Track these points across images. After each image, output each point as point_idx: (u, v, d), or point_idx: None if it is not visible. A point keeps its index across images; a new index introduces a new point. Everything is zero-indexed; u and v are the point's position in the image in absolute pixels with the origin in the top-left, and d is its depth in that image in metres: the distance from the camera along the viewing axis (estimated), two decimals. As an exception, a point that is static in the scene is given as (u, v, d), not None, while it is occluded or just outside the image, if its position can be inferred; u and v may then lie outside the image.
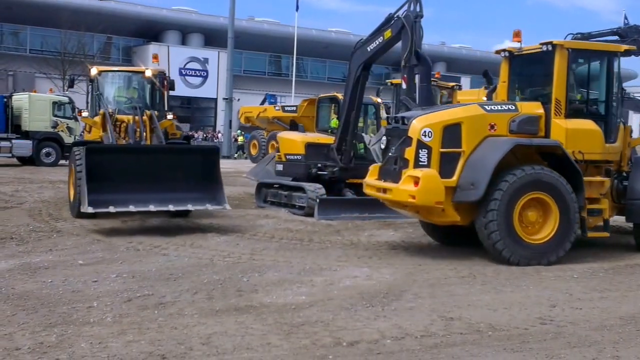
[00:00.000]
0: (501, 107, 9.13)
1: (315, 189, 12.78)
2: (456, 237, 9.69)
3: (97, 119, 12.65)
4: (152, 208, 10.33)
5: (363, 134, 14.05)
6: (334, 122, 15.05)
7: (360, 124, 14.18)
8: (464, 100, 29.77)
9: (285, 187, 13.57)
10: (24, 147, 23.91)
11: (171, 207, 10.46)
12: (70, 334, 5.38)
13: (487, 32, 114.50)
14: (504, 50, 9.79)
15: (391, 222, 12.07)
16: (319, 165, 13.55)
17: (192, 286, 7.04)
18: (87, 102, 13.72)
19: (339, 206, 12.55)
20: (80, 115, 12.71)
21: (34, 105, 24.49)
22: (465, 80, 54.64)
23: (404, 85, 11.25)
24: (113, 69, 14.91)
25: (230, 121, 37.14)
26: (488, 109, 8.99)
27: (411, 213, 9.27)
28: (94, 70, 13.54)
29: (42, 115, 24.39)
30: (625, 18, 15.91)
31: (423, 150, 8.58)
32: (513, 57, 9.76)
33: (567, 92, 9.13)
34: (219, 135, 44.05)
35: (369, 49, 12.31)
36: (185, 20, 51.80)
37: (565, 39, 12.60)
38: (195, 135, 43.79)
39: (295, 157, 13.81)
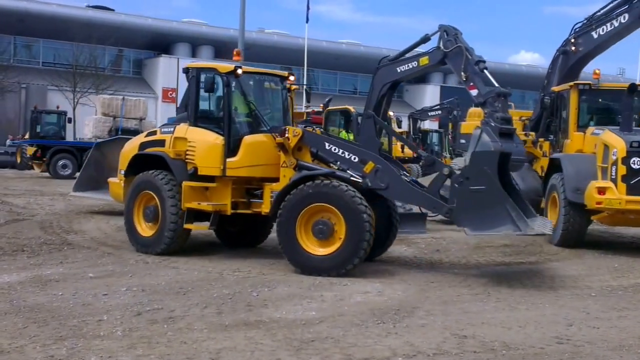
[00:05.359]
0: None
1: None
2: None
3: (291, 135, 9.26)
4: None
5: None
6: (343, 135, 15.01)
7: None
8: None
9: None
10: None
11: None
12: (81, 347, 5.34)
13: (504, 44, 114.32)
14: (583, 84, 12.32)
15: (404, 237, 11.91)
16: None
17: (201, 300, 6.99)
18: (183, 111, 10.17)
19: None
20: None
21: None
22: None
23: (474, 93, 10.92)
24: (257, 70, 10.84)
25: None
26: None
27: None
28: (239, 70, 9.57)
29: None
30: None
31: None
32: (589, 90, 12.28)
33: None
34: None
35: (398, 70, 11.25)
36: (196, 33, 52.05)
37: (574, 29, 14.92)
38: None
39: None
